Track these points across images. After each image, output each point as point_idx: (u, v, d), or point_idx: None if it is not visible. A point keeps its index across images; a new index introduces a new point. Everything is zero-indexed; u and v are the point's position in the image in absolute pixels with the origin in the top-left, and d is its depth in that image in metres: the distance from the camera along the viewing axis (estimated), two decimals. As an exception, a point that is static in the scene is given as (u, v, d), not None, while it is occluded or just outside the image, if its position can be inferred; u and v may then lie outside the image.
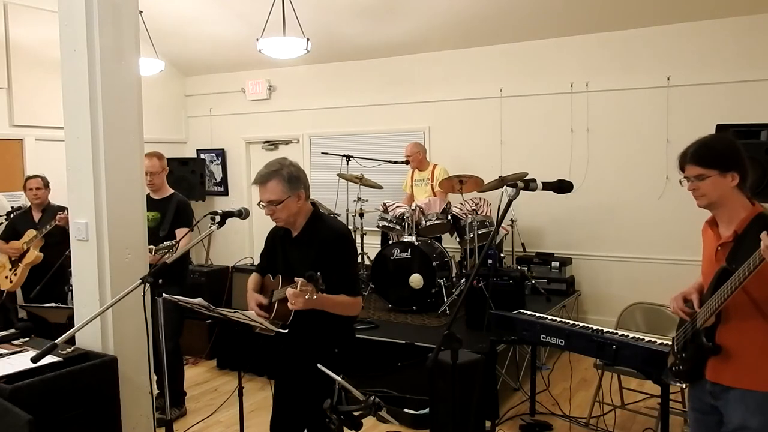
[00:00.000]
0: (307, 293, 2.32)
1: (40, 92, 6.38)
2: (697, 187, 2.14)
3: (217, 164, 8.42)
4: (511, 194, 2.35)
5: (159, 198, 4.15)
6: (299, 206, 2.67)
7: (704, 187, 2.12)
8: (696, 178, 2.13)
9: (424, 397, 3.87)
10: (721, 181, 2.10)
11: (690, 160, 2.15)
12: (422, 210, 5.75)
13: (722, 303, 2.03)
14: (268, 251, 2.91)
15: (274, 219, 2.70)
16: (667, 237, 5.77)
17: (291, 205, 2.63)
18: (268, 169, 2.64)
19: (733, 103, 5.43)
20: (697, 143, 2.19)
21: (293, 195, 2.63)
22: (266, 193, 2.62)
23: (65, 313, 3.96)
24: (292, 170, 2.64)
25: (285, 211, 2.63)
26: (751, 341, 2.08)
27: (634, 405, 4.17)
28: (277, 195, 2.60)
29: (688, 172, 2.16)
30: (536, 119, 6.38)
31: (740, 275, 1.94)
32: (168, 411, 2.90)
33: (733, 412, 2.11)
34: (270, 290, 2.80)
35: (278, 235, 2.84)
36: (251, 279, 2.92)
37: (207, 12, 6.78)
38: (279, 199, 2.60)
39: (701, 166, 2.12)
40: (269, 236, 2.91)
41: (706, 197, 2.13)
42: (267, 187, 2.61)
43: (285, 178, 2.61)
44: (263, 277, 2.91)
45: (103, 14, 2.98)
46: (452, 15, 6.14)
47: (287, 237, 2.78)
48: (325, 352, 2.64)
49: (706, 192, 2.12)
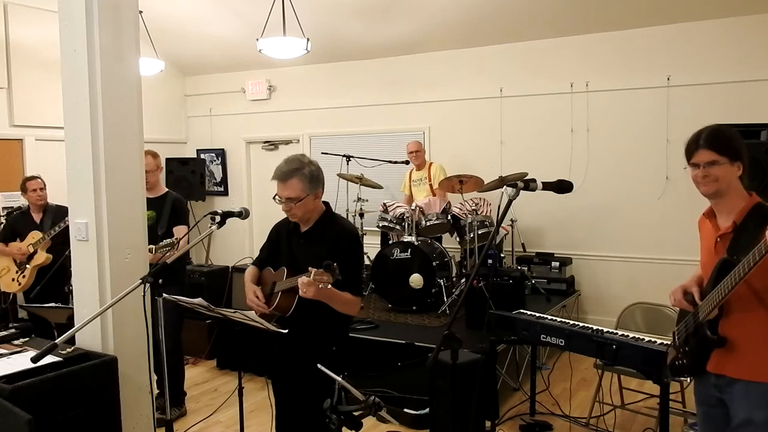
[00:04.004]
0: (321, 282, 2.34)
1: (40, 92, 6.39)
2: (708, 173, 2.11)
3: (217, 164, 8.42)
4: (511, 194, 2.35)
5: (154, 196, 4.12)
6: (315, 204, 2.71)
7: (716, 173, 2.10)
8: (708, 164, 2.11)
9: (424, 397, 3.87)
10: (730, 170, 2.10)
11: (704, 145, 2.13)
12: (422, 210, 5.76)
13: (726, 295, 2.02)
14: (271, 244, 2.92)
15: (290, 215, 2.72)
16: (667, 237, 5.77)
17: (309, 203, 2.67)
18: (289, 166, 2.65)
19: (733, 103, 5.43)
20: (707, 130, 2.17)
21: (312, 194, 2.66)
22: (286, 190, 2.64)
23: (65, 313, 3.95)
24: (313, 169, 2.68)
25: (303, 208, 2.66)
26: (753, 332, 2.08)
27: (634, 405, 4.17)
28: (297, 193, 2.63)
29: (698, 158, 2.13)
30: (536, 119, 6.38)
31: (744, 266, 1.92)
32: (168, 411, 2.90)
33: (738, 406, 2.12)
34: (271, 282, 2.81)
35: (284, 229, 2.86)
36: (249, 271, 2.93)
37: (207, 12, 6.78)
38: (299, 197, 2.63)
39: (716, 151, 2.10)
40: (274, 230, 2.93)
41: (716, 183, 2.11)
42: (288, 184, 2.63)
43: (307, 176, 2.64)
44: (261, 270, 2.92)
45: (103, 14, 2.97)
46: (452, 15, 6.14)
47: (295, 231, 2.80)
48: (323, 351, 2.65)
49: (718, 177, 2.10)
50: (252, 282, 2.87)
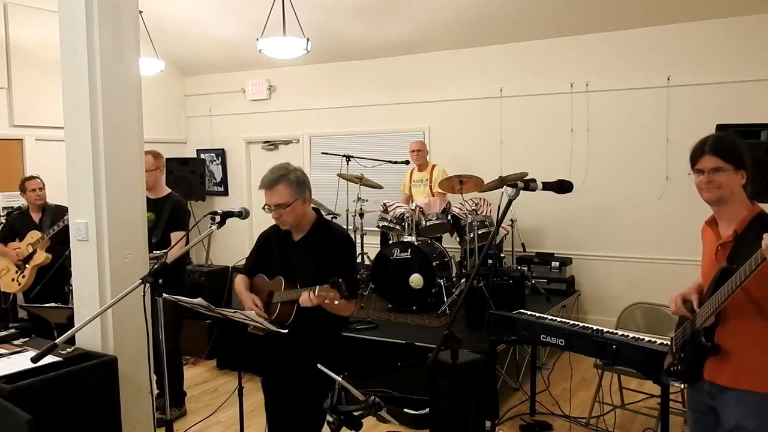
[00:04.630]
0: (327, 298, 2.39)
1: (40, 92, 6.39)
2: (712, 179, 2.11)
3: (217, 164, 8.42)
4: (511, 194, 2.35)
5: (155, 198, 4.07)
6: (304, 209, 2.73)
7: (720, 179, 2.10)
8: (712, 171, 2.11)
9: (424, 397, 3.87)
10: (734, 177, 2.10)
11: (709, 151, 2.13)
12: (422, 210, 5.76)
13: (723, 303, 2.03)
14: (259, 252, 2.93)
15: (281, 222, 2.73)
16: (667, 237, 5.77)
17: (298, 208, 2.69)
18: (274, 174, 2.68)
19: (733, 103, 5.43)
20: (714, 136, 2.18)
21: (300, 198, 2.68)
22: (274, 197, 2.66)
23: (65, 313, 3.95)
24: (299, 174, 2.71)
25: (292, 213, 2.68)
26: (749, 342, 2.08)
27: (634, 405, 4.17)
28: (285, 198, 2.65)
29: (703, 164, 2.13)
30: (536, 119, 6.38)
31: (741, 275, 1.93)
32: (168, 411, 2.90)
33: (729, 412, 2.11)
34: (266, 290, 2.81)
35: (274, 237, 2.87)
36: (240, 280, 2.94)
37: (207, 12, 6.78)
38: (287, 203, 2.65)
39: (720, 158, 2.10)
40: (262, 238, 2.94)
41: (719, 190, 2.11)
42: (275, 190, 2.66)
43: (293, 181, 2.67)
44: (251, 278, 2.93)
45: (103, 14, 2.97)
46: (452, 15, 6.14)
47: (287, 239, 2.81)
48: (320, 354, 2.66)
49: (722, 184, 2.10)
50: (246, 290, 2.88)
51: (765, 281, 1.97)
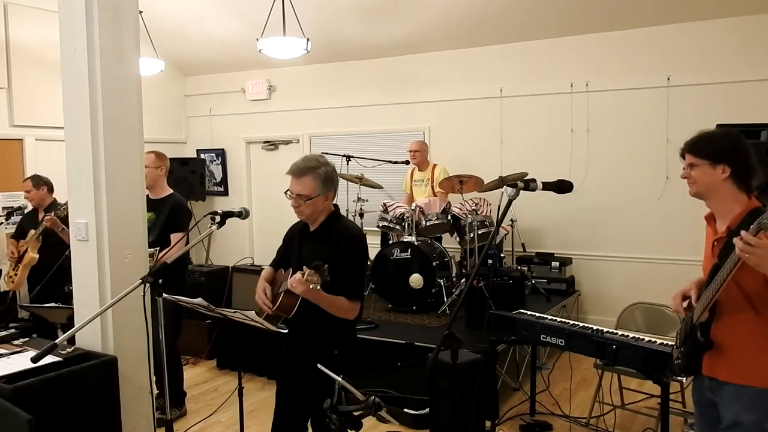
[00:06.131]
0: (311, 282, 2.34)
1: (40, 92, 6.39)
2: (688, 175, 2.22)
3: (217, 164, 8.42)
4: (511, 194, 2.35)
5: (155, 198, 4.05)
6: (325, 206, 2.71)
7: (694, 176, 2.20)
8: (689, 167, 2.22)
9: (424, 397, 3.86)
10: (711, 172, 2.16)
11: (685, 149, 2.25)
12: (422, 210, 5.76)
13: (712, 298, 2.07)
14: (285, 247, 2.93)
15: (298, 212, 2.72)
16: (667, 237, 5.77)
17: (318, 203, 2.67)
18: (306, 164, 2.66)
19: (733, 103, 5.43)
20: (697, 134, 2.27)
21: (323, 195, 2.66)
22: (298, 186, 2.64)
23: (65, 313, 3.95)
24: (329, 170, 2.68)
25: (311, 207, 2.66)
26: (743, 336, 2.10)
27: (634, 405, 4.17)
28: (308, 191, 2.63)
29: (685, 161, 2.25)
30: (536, 119, 6.38)
31: (724, 273, 1.98)
32: (168, 411, 2.90)
33: (727, 408, 2.14)
34: (280, 283, 2.81)
35: (297, 230, 2.86)
36: (264, 271, 2.94)
37: (207, 12, 6.78)
38: (309, 195, 2.63)
39: (694, 155, 2.21)
40: (288, 232, 2.94)
41: (695, 185, 2.21)
42: (301, 180, 2.64)
43: (321, 177, 2.64)
44: (276, 271, 2.93)
45: (103, 14, 2.97)
46: (452, 15, 6.14)
47: (305, 232, 2.80)
48: (324, 353, 2.63)
49: (696, 180, 2.20)
50: (266, 281, 2.88)
51: (757, 276, 1.98)
